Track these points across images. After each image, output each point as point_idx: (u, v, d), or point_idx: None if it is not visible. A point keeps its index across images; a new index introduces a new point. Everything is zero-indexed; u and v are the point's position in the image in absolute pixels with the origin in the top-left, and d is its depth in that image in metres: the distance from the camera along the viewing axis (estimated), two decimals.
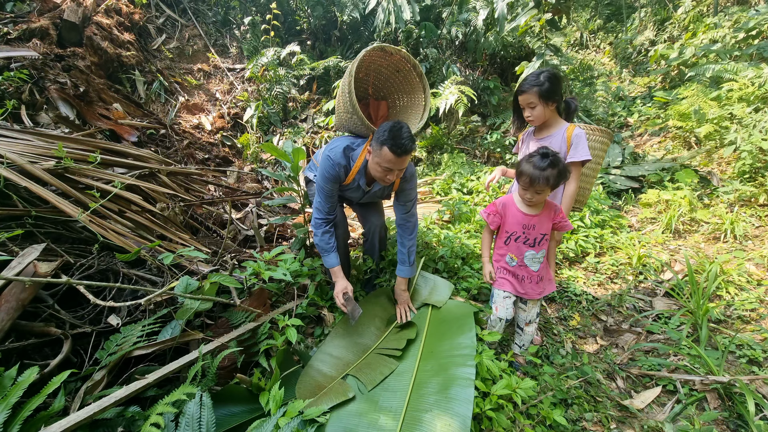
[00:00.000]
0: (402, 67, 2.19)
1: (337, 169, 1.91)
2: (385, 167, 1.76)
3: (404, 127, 1.72)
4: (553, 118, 1.90)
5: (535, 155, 1.66)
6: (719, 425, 1.72)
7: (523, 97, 1.85)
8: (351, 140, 1.99)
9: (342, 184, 2.00)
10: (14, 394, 1.15)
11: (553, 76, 1.80)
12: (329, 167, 1.90)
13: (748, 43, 5.70)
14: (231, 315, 1.86)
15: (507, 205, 1.84)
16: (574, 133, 1.85)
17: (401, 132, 1.69)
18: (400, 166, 1.76)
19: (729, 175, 4.14)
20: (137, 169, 2.60)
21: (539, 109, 1.83)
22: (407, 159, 1.77)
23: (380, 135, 1.73)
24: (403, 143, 1.69)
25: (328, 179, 1.92)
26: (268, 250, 2.02)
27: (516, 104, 1.95)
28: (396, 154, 1.70)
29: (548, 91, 1.78)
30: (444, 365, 1.63)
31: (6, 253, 1.58)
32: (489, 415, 1.47)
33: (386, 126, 1.72)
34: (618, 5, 9.15)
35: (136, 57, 4.65)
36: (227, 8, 6.33)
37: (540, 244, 1.80)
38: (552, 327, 2.40)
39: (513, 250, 1.83)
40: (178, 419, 1.22)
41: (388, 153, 1.70)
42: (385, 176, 1.81)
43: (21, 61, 3.20)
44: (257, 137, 5.05)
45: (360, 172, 1.97)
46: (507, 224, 1.84)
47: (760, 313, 2.44)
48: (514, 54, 6.35)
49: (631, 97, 6.90)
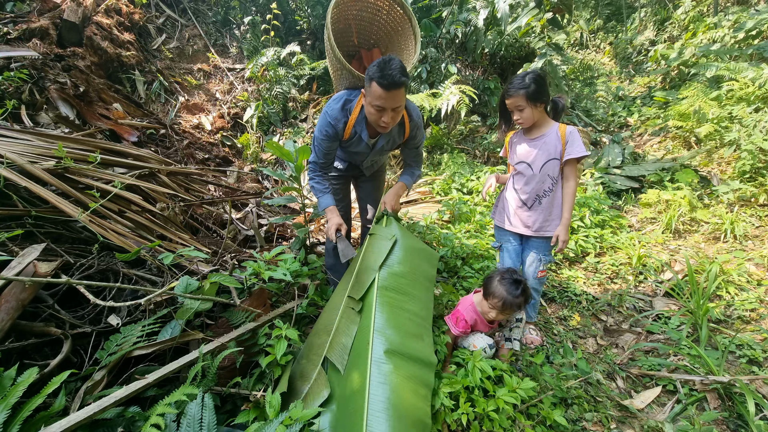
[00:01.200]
0: (382, 5, 2.08)
1: (335, 124, 1.82)
2: (377, 106, 1.62)
3: (394, 60, 1.57)
4: (542, 119, 1.92)
5: (507, 279, 1.73)
6: (719, 425, 1.72)
7: (510, 101, 1.87)
8: (349, 92, 1.90)
9: (342, 140, 1.91)
10: (14, 395, 1.15)
11: (539, 77, 1.81)
12: (326, 124, 1.84)
13: (748, 43, 5.70)
14: (231, 315, 1.85)
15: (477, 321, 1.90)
16: (567, 130, 1.88)
17: (390, 64, 1.56)
18: (392, 102, 1.61)
19: (729, 175, 4.14)
20: (137, 169, 2.60)
21: (528, 111, 1.85)
22: (399, 94, 1.61)
23: (369, 72, 1.61)
24: (391, 74, 1.54)
25: (324, 136, 1.86)
26: (268, 250, 2.01)
27: (503, 107, 1.96)
28: (384, 87, 1.56)
29: (535, 93, 1.80)
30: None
31: (6, 253, 1.58)
32: (490, 415, 1.47)
33: (375, 62, 1.60)
34: (618, 5, 9.16)
35: (136, 57, 4.65)
36: (227, 8, 6.33)
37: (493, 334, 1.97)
38: (552, 327, 2.40)
39: (480, 328, 1.92)
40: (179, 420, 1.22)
41: (377, 88, 1.57)
42: (379, 119, 1.67)
43: (21, 61, 3.20)
44: (257, 137, 5.05)
45: (359, 121, 1.85)
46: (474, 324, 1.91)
47: (760, 313, 2.44)
48: (514, 54, 6.35)
49: (631, 97, 6.90)
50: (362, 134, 1.89)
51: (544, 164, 1.91)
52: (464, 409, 1.47)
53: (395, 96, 1.60)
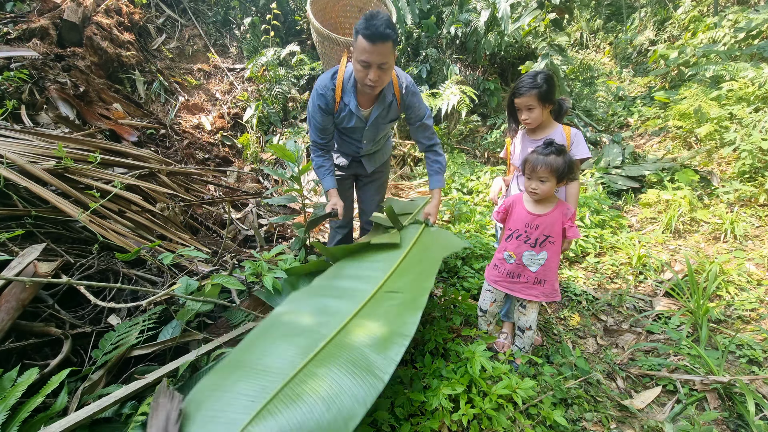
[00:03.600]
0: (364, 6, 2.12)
1: (324, 93, 1.81)
2: (362, 61, 1.60)
3: (380, 13, 1.56)
4: (547, 120, 1.91)
5: (539, 146, 1.66)
6: (719, 425, 1.72)
7: (521, 100, 1.83)
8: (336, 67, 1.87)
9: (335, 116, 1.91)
10: (13, 395, 1.15)
11: (550, 77, 1.80)
12: (316, 96, 1.84)
13: (748, 43, 5.70)
14: (231, 315, 1.85)
15: (515, 202, 1.83)
16: (572, 132, 1.88)
17: (376, 16, 1.54)
18: (378, 57, 1.58)
19: (729, 175, 4.14)
20: (137, 169, 2.60)
21: (537, 111, 1.82)
22: (385, 48, 1.58)
23: (356, 26, 1.59)
24: (375, 24, 1.51)
25: (315, 108, 1.86)
26: (268, 250, 2.01)
27: (511, 107, 1.94)
28: (369, 39, 1.53)
29: (547, 93, 1.78)
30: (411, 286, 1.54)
31: (6, 253, 1.58)
32: (489, 415, 1.47)
33: (362, 16, 1.58)
34: (618, 5, 9.16)
35: (136, 57, 4.64)
36: (227, 8, 6.32)
37: (541, 245, 1.75)
38: (552, 327, 2.40)
39: (512, 247, 1.82)
40: None
41: (362, 41, 1.55)
42: (365, 76, 1.64)
43: (21, 61, 3.20)
44: (257, 137, 5.05)
45: (346, 90, 1.83)
46: (510, 221, 1.84)
47: (760, 313, 2.44)
48: (514, 54, 6.35)
49: (631, 97, 6.90)
50: (351, 105, 1.86)
51: None
52: (464, 410, 1.47)
53: (381, 50, 1.57)
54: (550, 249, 1.76)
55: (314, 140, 1.98)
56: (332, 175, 2.00)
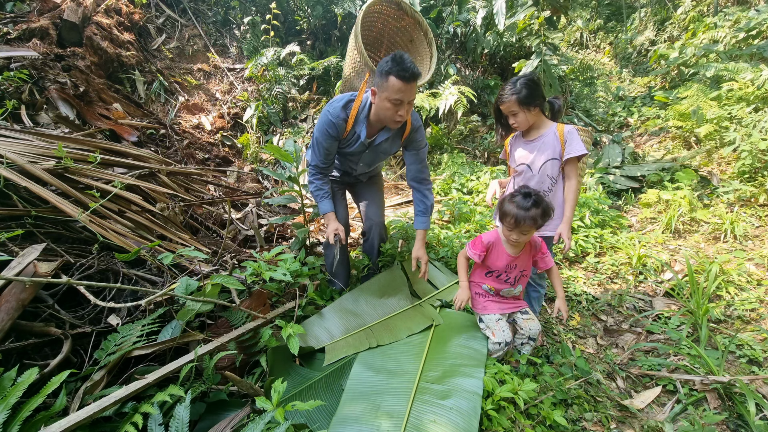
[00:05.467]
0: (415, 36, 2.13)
1: (336, 123, 1.85)
2: (395, 99, 1.67)
3: (405, 55, 1.63)
4: (539, 120, 1.94)
5: (517, 195, 1.62)
6: (719, 425, 1.72)
7: (504, 107, 1.90)
8: (352, 94, 1.91)
9: (341, 138, 1.94)
10: (14, 395, 1.14)
11: (530, 81, 1.83)
12: (327, 123, 1.85)
13: (748, 43, 5.70)
14: (231, 315, 1.85)
15: (495, 243, 1.80)
16: (566, 130, 1.89)
17: (404, 58, 1.61)
18: (410, 95, 1.68)
19: (729, 175, 4.14)
20: (137, 169, 2.59)
21: (521, 115, 1.87)
22: (415, 87, 1.69)
23: (382, 67, 1.65)
24: (409, 67, 1.60)
25: (324, 135, 1.88)
26: (268, 250, 2.01)
27: (498, 113, 1.98)
28: (404, 80, 1.61)
29: (527, 97, 1.81)
30: (449, 372, 1.61)
31: (6, 253, 1.58)
32: (490, 415, 1.47)
33: (386, 58, 1.64)
34: (618, 5, 9.16)
35: (136, 57, 4.64)
36: (227, 8, 6.32)
37: (518, 281, 1.82)
38: (552, 327, 2.40)
39: (491, 283, 1.84)
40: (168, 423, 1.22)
41: (396, 81, 1.62)
42: (396, 112, 1.72)
43: (21, 61, 3.20)
44: (257, 137, 5.05)
45: (358, 120, 1.88)
46: (490, 260, 1.81)
47: (760, 313, 2.44)
48: (514, 54, 6.35)
49: (631, 97, 6.90)
50: (361, 132, 1.91)
51: (542, 165, 1.92)
52: None
53: (413, 89, 1.67)
54: (524, 281, 1.86)
55: (315, 164, 1.99)
56: (330, 199, 2.03)
